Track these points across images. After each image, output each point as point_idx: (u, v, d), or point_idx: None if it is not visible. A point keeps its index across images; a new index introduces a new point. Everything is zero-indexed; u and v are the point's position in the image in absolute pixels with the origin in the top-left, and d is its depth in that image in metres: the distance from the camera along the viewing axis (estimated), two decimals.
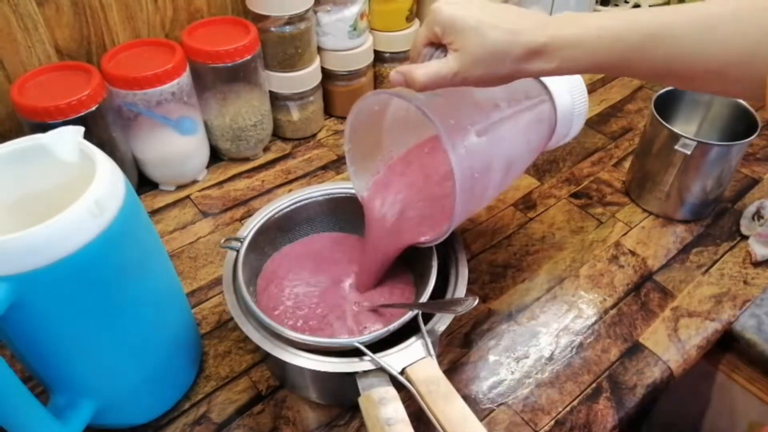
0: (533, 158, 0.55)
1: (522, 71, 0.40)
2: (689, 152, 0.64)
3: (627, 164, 0.79)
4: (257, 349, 0.53)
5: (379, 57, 0.87)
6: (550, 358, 0.57)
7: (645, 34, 0.36)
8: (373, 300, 0.55)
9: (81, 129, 0.42)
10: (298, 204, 0.59)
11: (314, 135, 0.85)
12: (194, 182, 0.77)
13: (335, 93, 0.86)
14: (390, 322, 0.47)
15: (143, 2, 0.72)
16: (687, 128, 0.74)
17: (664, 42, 0.36)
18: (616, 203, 0.74)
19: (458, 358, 0.57)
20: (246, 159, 0.80)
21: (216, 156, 0.80)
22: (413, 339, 0.46)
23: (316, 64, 0.80)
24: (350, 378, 0.44)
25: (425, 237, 0.52)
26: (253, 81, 0.75)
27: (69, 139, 0.42)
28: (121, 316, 0.43)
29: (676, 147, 0.65)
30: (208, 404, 0.54)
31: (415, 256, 0.55)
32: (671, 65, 0.36)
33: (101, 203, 0.38)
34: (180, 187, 0.76)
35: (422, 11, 0.87)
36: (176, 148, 0.72)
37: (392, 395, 0.43)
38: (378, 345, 0.46)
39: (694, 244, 0.69)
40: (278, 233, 0.59)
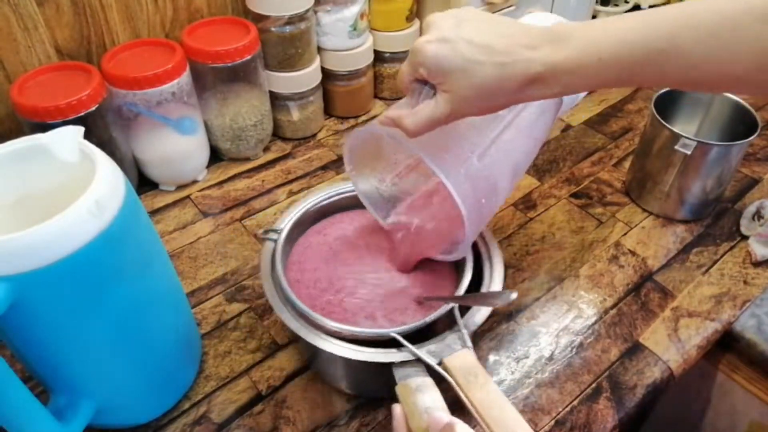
0: (539, 148, 0.54)
1: (520, 99, 0.39)
2: (689, 152, 0.64)
3: (627, 164, 0.79)
4: (293, 338, 0.52)
5: (379, 57, 0.87)
6: (550, 358, 0.57)
7: (648, 51, 0.34)
8: (413, 288, 0.55)
9: (81, 129, 0.42)
10: (334, 198, 0.59)
11: (314, 135, 0.85)
12: (194, 182, 0.77)
13: (335, 93, 0.86)
14: (427, 314, 0.48)
15: (143, 2, 0.72)
16: (687, 128, 0.74)
17: (669, 57, 0.34)
18: (616, 203, 0.74)
19: None
20: (246, 159, 0.80)
21: (216, 156, 0.80)
22: (449, 331, 0.47)
23: (316, 64, 0.80)
24: (385, 368, 0.45)
25: (443, 255, 0.53)
26: (253, 81, 0.75)
27: (69, 139, 0.42)
28: (121, 316, 0.43)
29: (676, 147, 0.65)
30: (208, 404, 0.54)
31: None
32: (680, 77, 0.35)
33: (101, 203, 0.38)
34: (180, 187, 0.76)
35: (422, 11, 0.87)
36: (176, 148, 0.72)
37: (429, 384, 0.43)
38: (414, 337, 0.46)
39: (694, 244, 0.69)
40: (313, 226, 0.60)
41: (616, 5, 1.04)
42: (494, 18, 0.39)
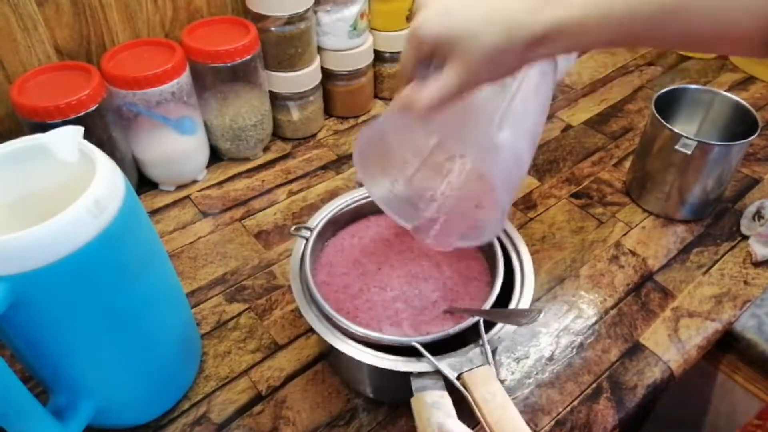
0: (546, 116, 0.54)
1: (530, 59, 0.38)
2: (689, 152, 0.64)
3: (627, 164, 0.79)
4: (312, 330, 0.52)
5: (379, 57, 0.87)
6: (551, 359, 0.57)
7: (654, 9, 0.33)
8: (443, 298, 0.54)
9: (81, 129, 0.42)
10: (367, 199, 0.58)
11: (314, 135, 0.85)
12: (194, 182, 0.77)
13: (335, 93, 0.86)
14: (451, 326, 0.47)
15: (143, 2, 0.71)
16: (687, 128, 0.74)
17: (678, 17, 0.33)
18: (617, 203, 0.74)
19: None
20: (246, 159, 0.80)
21: (216, 156, 0.80)
22: (472, 345, 0.46)
23: (316, 64, 0.80)
24: (404, 377, 0.44)
25: (475, 239, 0.52)
26: (253, 81, 0.75)
27: (69, 139, 0.42)
28: (121, 316, 0.43)
29: (677, 147, 0.65)
30: (208, 404, 0.53)
31: (488, 254, 0.55)
32: (686, 36, 0.34)
33: (101, 203, 0.38)
34: (180, 187, 0.76)
35: None
36: (176, 148, 0.72)
37: (445, 400, 0.42)
38: (436, 348, 0.45)
39: (695, 244, 0.69)
40: (345, 226, 0.59)
41: None
42: None
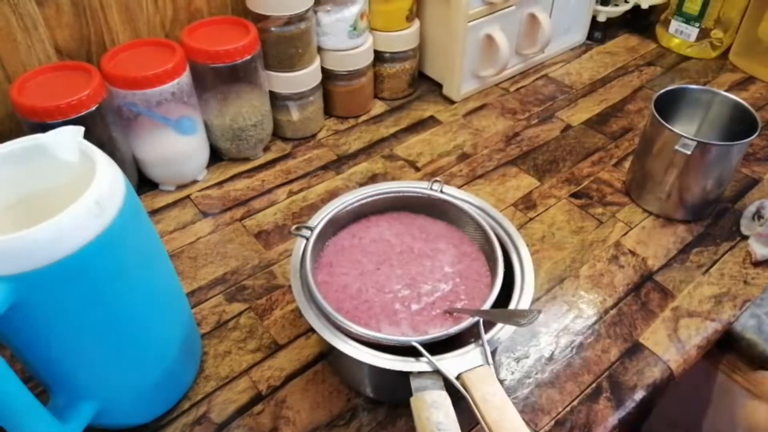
0: None
1: None
2: (689, 152, 0.64)
3: (627, 164, 0.79)
4: (312, 330, 0.52)
5: (379, 57, 0.87)
6: (550, 358, 0.57)
7: None
8: (443, 298, 0.53)
9: (81, 129, 0.42)
10: (370, 199, 0.58)
11: (314, 135, 0.85)
12: (194, 182, 0.77)
13: (335, 93, 0.86)
14: (450, 326, 0.47)
15: (143, 2, 0.72)
16: (687, 128, 0.74)
17: None
18: (616, 203, 0.74)
19: None
20: (246, 159, 0.80)
21: (216, 156, 0.80)
22: (472, 345, 0.46)
23: (316, 64, 0.80)
24: (403, 377, 0.44)
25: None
26: (253, 81, 0.75)
27: (69, 139, 0.42)
28: (121, 316, 0.43)
29: (676, 147, 0.65)
30: (208, 404, 0.54)
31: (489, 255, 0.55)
32: None
33: (101, 203, 0.38)
34: (180, 187, 0.76)
35: (422, 11, 0.87)
36: (176, 148, 0.72)
37: (444, 400, 0.42)
38: (436, 348, 0.45)
39: (694, 244, 0.69)
40: (345, 226, 0.59)
41: (616, 5, 1.04)
42: None
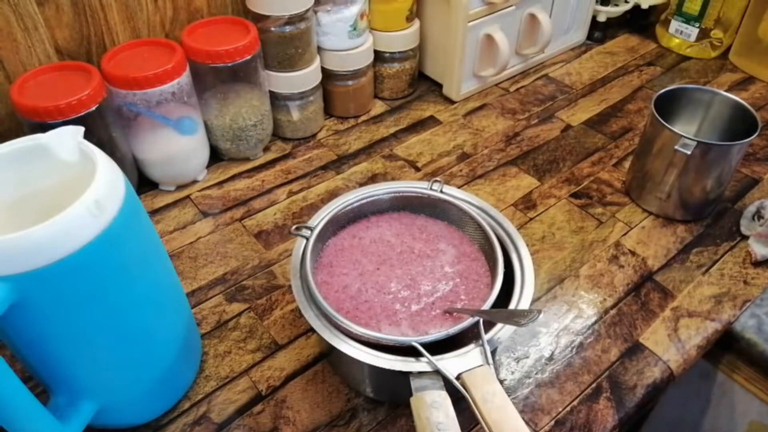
0: None
1: None
2: (689, 152, 0.64)
3: (627, 164, 0.79)
4: (312, 330, 0.52)
5: (379, 57, 0.87)
6: (550, 358, 0.57)
7: None
8: (443, 298, 0.53)
9: (81, 129, 0.43)
10: (370, 199, 0.58)
11: (314, 135, 0.85)
12: (194, 182, 0.77)
13: (335, 93, 0.86)
14: (450, 326, 0.47)
15: (143, 2, 0.72)
16: (687, 128, 0.74)
17: None
18: (616, 203, 0.74)
19: None
20: (246, 159, 0.80)
21: (216, 156, 0.80)
22: (472, 346, 0.46)
23: (316, 64, 0.80)
24: (403, 377, 0.44)
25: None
26: (253, 81, 0.75)
27: (69, 139, 0.42)
28: (121, 317, 0.43)
29: (676, 147, 0.65)
30: (208, 404, 0.54)
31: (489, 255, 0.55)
32: None
33: (101, 203, 0.38)
34: (180, 187, 0.76)
35: (422, 11, 0.87)
36: (176, 148, 0.72)
37: (444, 399, 0.42)
38: (436, 348, 0.45)
39: (694, 244, 0.69)
40: (345, 226, 0.59)
41: (616, 5, 1.04)
42: None
